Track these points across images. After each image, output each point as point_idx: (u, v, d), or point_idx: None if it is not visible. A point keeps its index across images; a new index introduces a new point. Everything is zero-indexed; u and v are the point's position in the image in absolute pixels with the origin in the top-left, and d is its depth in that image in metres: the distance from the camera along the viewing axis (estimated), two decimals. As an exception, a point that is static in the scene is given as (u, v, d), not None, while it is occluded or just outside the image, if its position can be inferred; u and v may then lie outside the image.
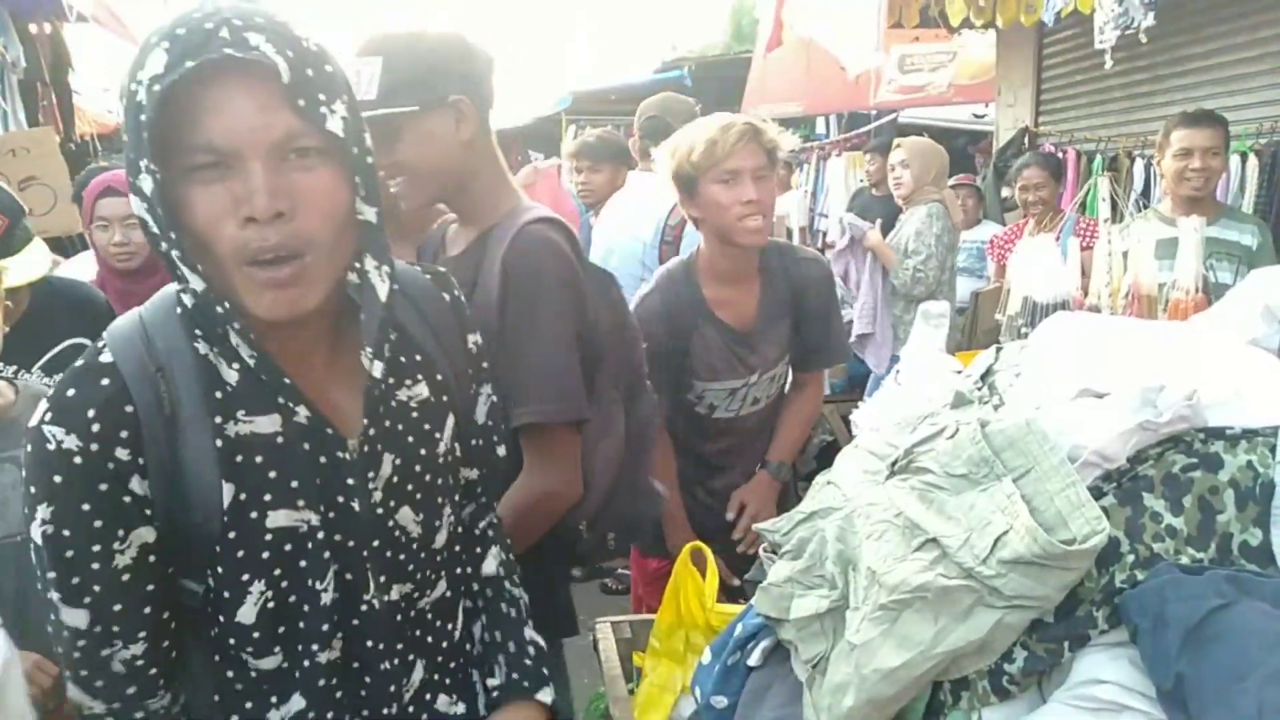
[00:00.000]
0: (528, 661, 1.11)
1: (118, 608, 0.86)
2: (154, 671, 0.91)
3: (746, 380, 2.09)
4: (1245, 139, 4.03)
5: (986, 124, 7.73)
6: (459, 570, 1.11)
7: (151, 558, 0.88)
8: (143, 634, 0.88)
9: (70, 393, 0.85)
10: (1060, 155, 5.19)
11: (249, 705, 0.95)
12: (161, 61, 0.78)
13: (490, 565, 1.15)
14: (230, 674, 0.94)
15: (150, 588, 0.88)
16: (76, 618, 0.85)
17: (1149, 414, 0.90)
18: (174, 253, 0.83)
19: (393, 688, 1.00)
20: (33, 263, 1.97)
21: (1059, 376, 1.03)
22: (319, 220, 0.84)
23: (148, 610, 0.88)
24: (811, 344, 2.14)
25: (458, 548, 1.10)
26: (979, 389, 1.11)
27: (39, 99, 5.24)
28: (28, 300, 2.03)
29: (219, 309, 0.84)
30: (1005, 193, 5.42)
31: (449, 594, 1.08)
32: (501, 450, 1.16)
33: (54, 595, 0.86)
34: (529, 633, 1.14)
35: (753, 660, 1.19)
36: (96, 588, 0.85)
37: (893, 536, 1.00)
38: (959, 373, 1.31)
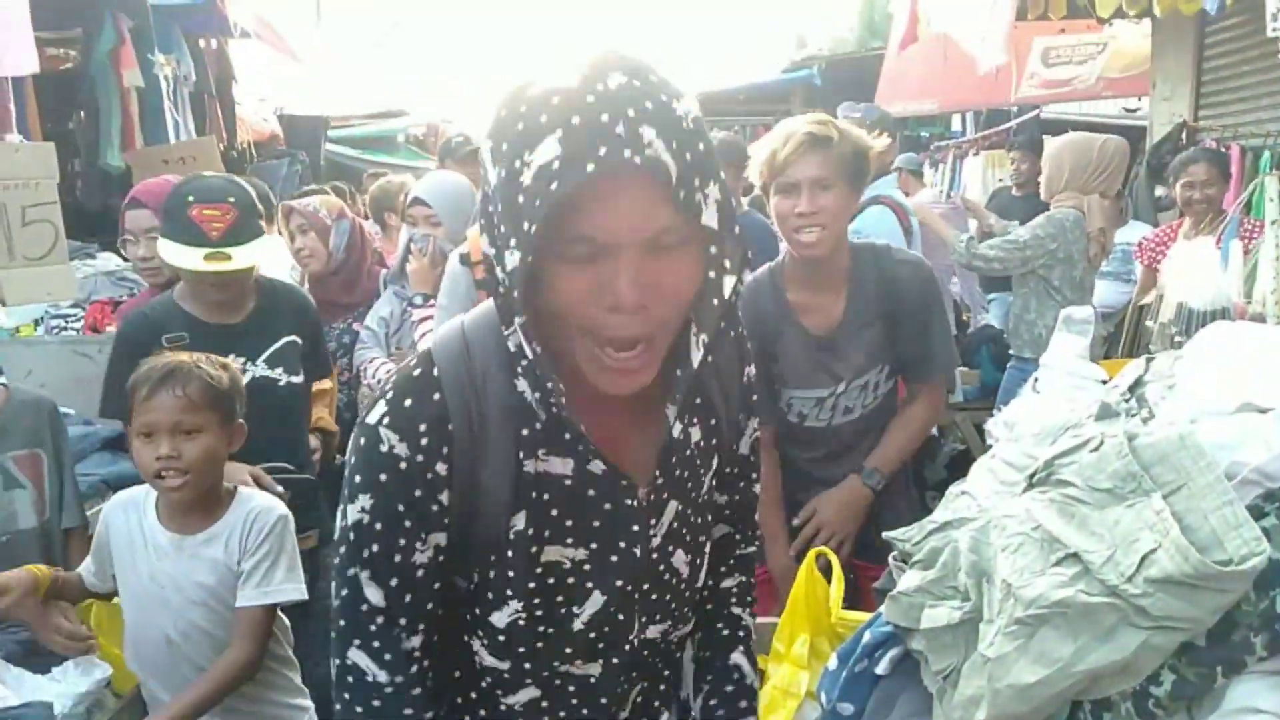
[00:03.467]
0: (729, 688, 1.13)
1: (408, 599, 0.93)
2: (427, 664, 0.97)
3: (833, 389, 2.03)
4: None
5: (1139, 119, 7.30)
6: (705, 603, 1.15)
7: (441, 558, 0.94)
8: (423, 626, 0.95)
9: (407, 403, 0.90)
10: (1224, 151, 4.86)
11: (483, 685, 1.01)
12: (554, 152, 0.75)
13: (728, 581, 1.16)
14: (471, 654, 1.00)
15: (436, 585, 0.95)
16: (376, 596, 0.92)
17: (1318, 431, 0.85)
18: (518, 318, 0.84)
19: (615, 708, 1.05)
20: (253, 253, 2.11)
21: (1217, 389, 0.98)
22: (674, 308, 0.84)
23: (430, 606, 0.95)
24: (911, 352, 2.05)
25: (708, 580, 1.13)
26: (1127, 400, 1.07)
27: (206, 110, 5.65)
28: (255, 297, 2.20)
29: (549, 384, 0.86)
30: (1159, 191, 5.10)
31: (691, 627, 1.13)
32: (757, 488, 1.16)
33: (357, 572, 0.92)
34: (738, 657, 1.15)
35: (880, 669, 1.18)
36: (395, 580, 0.92)
37: (1030, 550, 0.98)
38: (1104, 383, 1.26)
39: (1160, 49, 6.08)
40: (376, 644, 0.94)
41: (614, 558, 0.97)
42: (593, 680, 1.02)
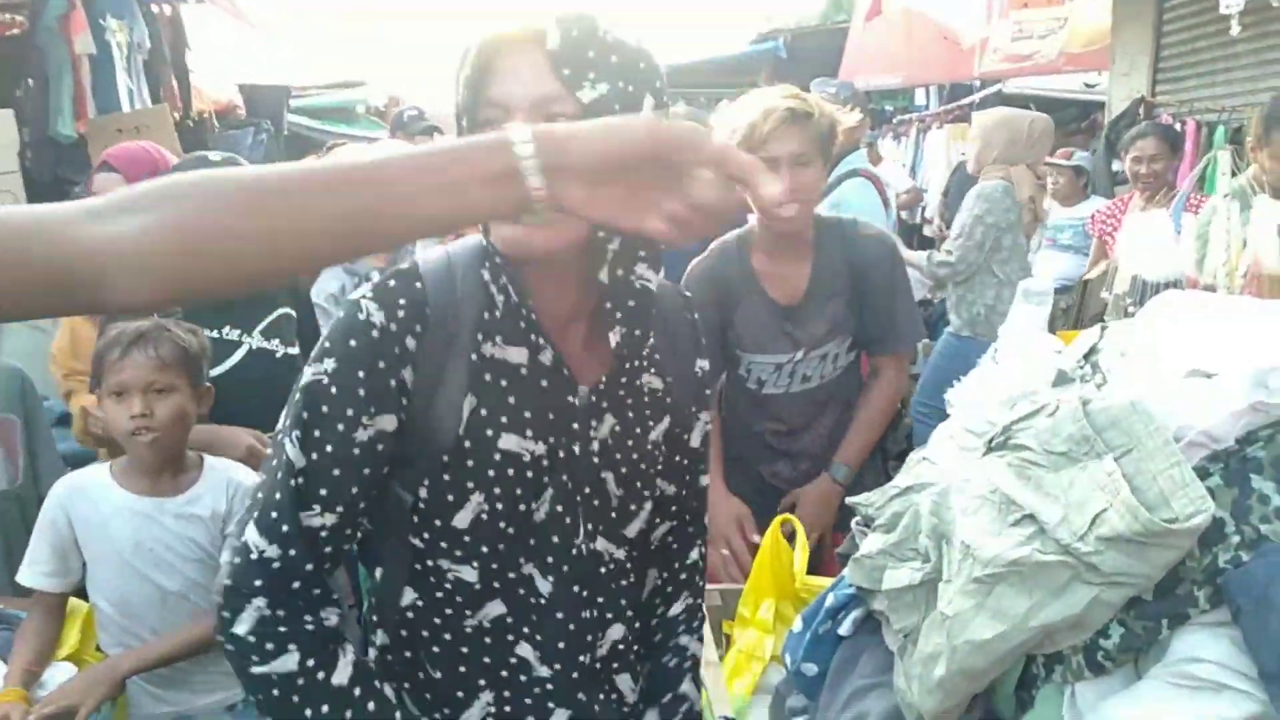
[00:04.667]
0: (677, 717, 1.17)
1: (336, 472, 0.93)
2: (329, 551, 0.97)
3: (792, 356, 2.06)
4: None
5: (1098, 94, 7.40)
6: (654, 580, 1.19)
7: (380, 446, 0.95)
8: (340, 509, 0.95)
9: (391, 283, 0.97)
10: (1179, 127, 4.94)
11: (448, 611, 1.03)
12: (480, 38, 0.92)
13: (677, 608, 1.21)
14: (432, 581, 1.02)
15: (366, 471, 0.95)
16: (297, 456, 0.93)
17: (1261, 395, 0.88)
18: None
19: (589, 637, 1.07)
20: None
21: (1167, 356, 1.01)
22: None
23: (354, 490, 0.95)
24: (876, 325, 2.09)
25: (652, 562, 1.18)
26: (1082, 368, 1.10)
27: (160, 79, 5.51)
28: None
29: (485, 243, 0.97)
30: (1116, 166, 5.19)
31: (642, 592, 1.17)
32: (705, 480, 1.20)
33: (293, 433, 0.93)
34: (686, 689, 1.19)
35: (844, 630, 1.21)
36: (328, 447, 0.93)
37: (988, 512, 1.01)
38: (1060, 352, 1.30)
39: (1119, 25, 6.16)
40: (274, 515, 0.93)
41: (560, 453, 1.01)
42: (545, 600, 1.04)
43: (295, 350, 2.22)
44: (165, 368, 1.70)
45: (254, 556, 0.93)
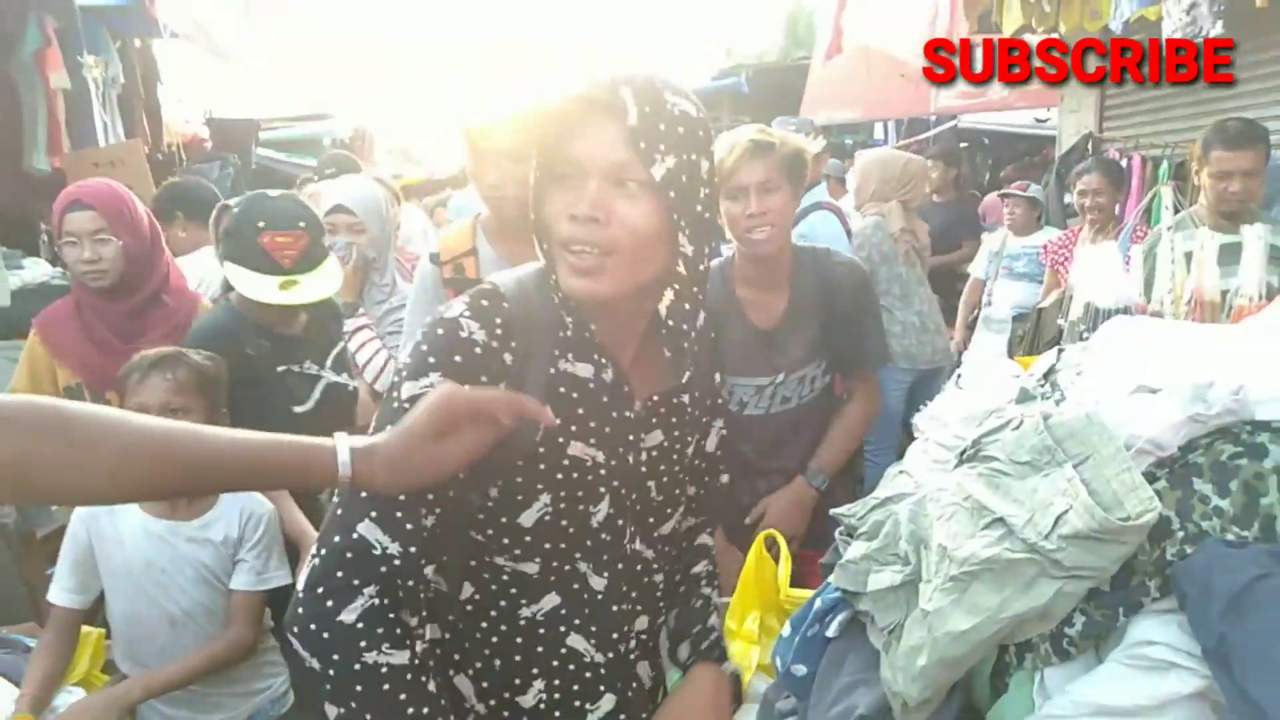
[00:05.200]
0: (709, 644, 1.31)
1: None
2: (429, 549, 1.04)
3: (773, 379, 2.17)
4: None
5: (1049, 129, 7.68)
6: (676, 573, 1.33)
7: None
8: (438, 510, 1.03)
9: (484, 303, 1.07)
10: (1125, 162, 5.18)
11: (502, 603, 1.12)
12: (560, 94, 1.03)
13: (698, 566, 1.36)
14: (487, 576, 1.11)
15: (461, 476, 1.03)
16: None
17: (1199, 408, 1.00)
18: (535, 230, 1.09)
19: (626, 628, 1.18)
20: (326, 279, 2.12)
21: (1117, 374, 1.13)
22: (627, 235, 1.03)
23: (450, 493, 1.04)
24: (846, 347, 2.21)
25: (679, 549, 1.31)
26: (1042, 386, 1.22)
27: (134, 112, 5.54)
28: (321, 305, 2.22)
29: (551, 278, 1.07)
30: (1068, 199, 5.41)
31: (666, 581, 1.28)
32: (725, 478, 1.34)
33: None
34: (714, 621, 1.33)
35: (831, 631, 1.30)
36: None
37: (962, 517, 1.11)
38: (1018, 375, 1.41)
39: (1068, 64, 6.43)
40: (399, 514, 0.99)
41: (614, 462, 1.11)
42: (600, 595, 1.14)
43: (356, 384, 2.30)
44: (182, 390, 1.80)
45: (376, 551, 0.98)
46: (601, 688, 1.15)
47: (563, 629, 1.13)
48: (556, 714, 1.15)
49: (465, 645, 1.14)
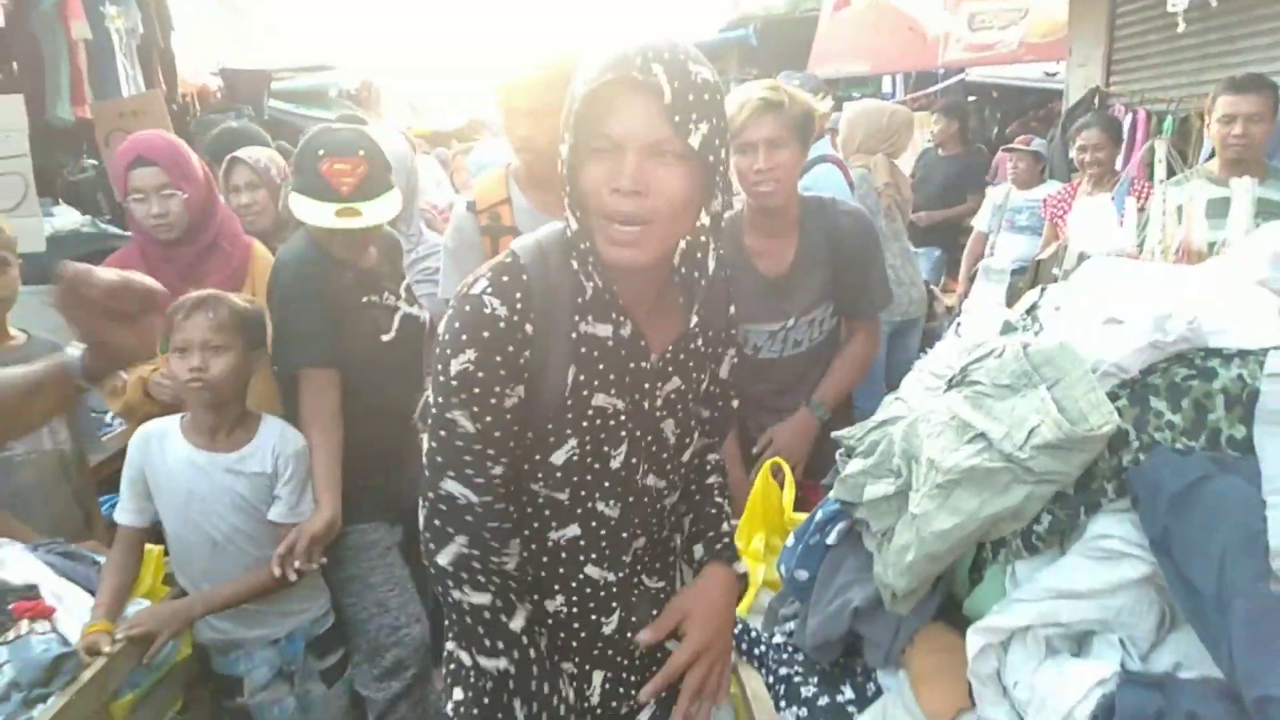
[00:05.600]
0: (721, 545, 1.42)
1: (497, 434, 1.17)
2: (512, 488, 1.21)
3: (784, 324, 2.30)
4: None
5: (1058, 83, 7.68)
6: (691, 485, 1.45)
7: (518, 406, 1.18)
8: (505, 458, 1.19)
9: (505, 279, 1.16)
10: (1132, 116, 5.23)
11: (535, 525, 1.27)
12: (595, 71, 1.08)
13: (711, 479, 1.48)
14: (524, 499, 1.26)
15: (515, 428, 1.18)
16: (468, 427, 1.16)
17: (1158, 336, 1.14)
18: (566, 199, 1.15)
19: (635, 548, 1.33)
20: (382, 209, 2.10)
21: (1090, 308, 1.26)
22: (666, 205, 1.11)
23: (511, 444, 1.19)
24: (851, 291, 2.33)
25: (692, 469, 1.43)
26: (1024, 320, 1.35)
27: (151, 62, 5.60)
28: (384, 239, 2.26)
29: (583, 245, 1.15)
30: (1072, 153, 5.48)
31: (679, 502, 1.41)
32: (735, 402, 1.45)
33: (456, 413, 1.15)
34: (726, 527, 1.44)
35: (831, 539, 1.46)
36: (489, 417, 1.16)
37: (949, 434, 1.25)
38: (1006, 316, 1.54)
39: (1075, 18, 6.44)
40: (470, 471, 1.17)
41: (633, 409, 1.24)
42: (613, 521, 1.28)
43: (425, 314, 2.33)
44: (222, 329, 1.93)
45: (461, 502, 1.17)
46: (614, 604, 1.31)
47: (581, 558, 1.28)
48: (575, 625, 1.31)
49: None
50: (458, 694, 1.24)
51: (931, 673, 1.22)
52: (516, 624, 1.21)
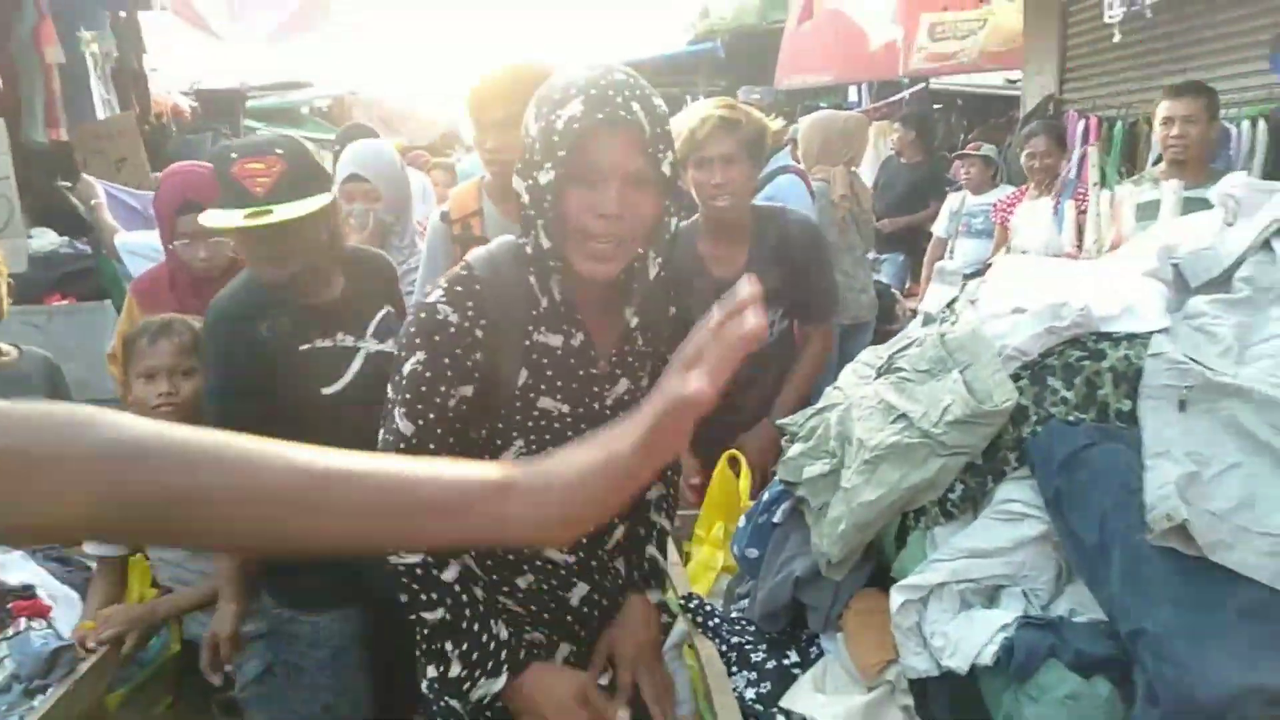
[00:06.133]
0: (639, 575, 1.51)
1: (439, 430, 1.28)
2: None
3: None
4: (1256, 105, 4.26)
5: (1018, 90, 7.91)
6: (631, 509, 1.52)
7: (464, 407, 1.29)
8: (436, 450, 1.29)
9: (458, 288, 1.28)
10: (1084, 122, 5.42)
11: None
12: (579, 109, 1.18)
13: (651, 493, 1.55)
14: None
15: (457, 425, 1.29)
16: (407, 427, 1.27)
17: (1053, 322, 1.28)
18: (539, 220, 1.24)
19: (604, 537, 1.44)
20: (301, 209, 1.78)
21: (1000, 299, 1.41)
22: (639, 226, 1.24)
23: (450, 440, 1.30)
24: (802, 295, 2.46)
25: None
26: (944, 312, 1.49)
27: (125, 84, 5.68)
28: (342, 269, 1.95)
29: (552, 263, 1.26)
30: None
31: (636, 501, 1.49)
32: None
33: (397, 410, 1.26)
34: (651, 550, 1.53)
35: (777, 518, 1.59)
36: (431, 415, 1.26)
37: (876, 416, 1.39)
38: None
39: (1030, 28, 6.65)
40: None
41: (581, 410, 1.35)
42: None
43: None
44: (185, 351, 1.99)
45: None
46: (574, 580, 1.43)
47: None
48: (544, 596, 1.43)
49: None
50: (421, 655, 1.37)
51: (862, 631, 1.35)
52: (449, 575, 1.31)
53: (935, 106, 9.94)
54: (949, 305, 1.52)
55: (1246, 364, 1.22)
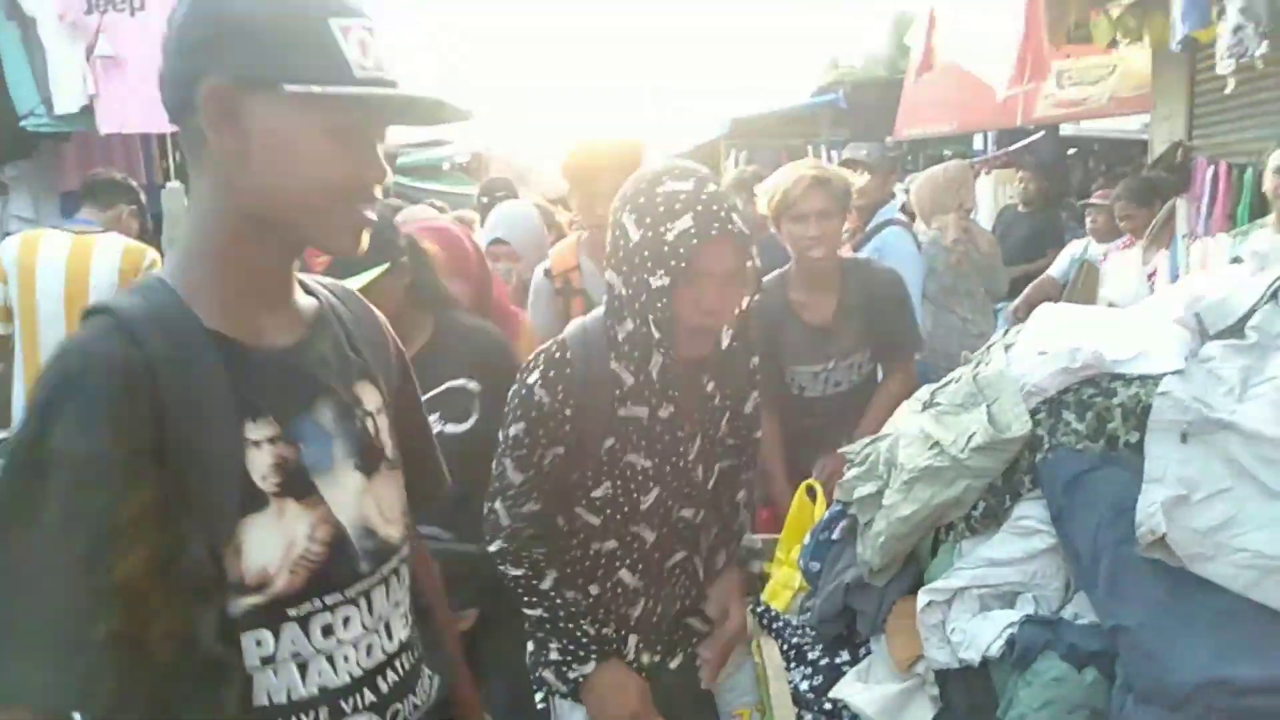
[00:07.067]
0: (740, 554, 1.83)
1: (534, 483, 1.59)
2: (544, 517, 1.62)
3: (826, 366, 2.66)
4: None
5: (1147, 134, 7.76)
6: (725, 508, 1.81)
7: (558, 460, 1.58)
8: (537, 496, 1.60)
9: (551, 373, 1.55)
10: (1214, 169, 5.32)
11: (582, 534, 1.67)
12: (690, 224, 1.42)
13: (739, 497, 1.84)
14: (573, 515, 1.66)
15: (549, 472, 1.59)
16: (517, 477, 1.58)
17: (1068, 363, 1.46)
18: (650, 316, 1.47)
19: (668, 561, 1.71)
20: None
21: (1030, 343, 1.59)
22: (733, 310, 1.53)
23: (547, 487, 1.60)
24: (885, 337, 2.69)
25: (722, 495, 1.79)
26: (983, 354, 1.68)
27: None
28: (428, 332, 1.94)
29: (661, 350, 1.52)
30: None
31: (710, 520, 1.77)
32: (759, 433, 1.81)
33: (507, 462, 1.56)
34: (745, 539, 1.85)
35: (835, 535, 1.79)
36: (531, 470, 1.58)
37: (916, 444, 1.59)
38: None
39: (1159, 71, 6.56)
40: (509, 503, 1.60)
41: (667, 467, 1.62)
42: (649, 543, 1.65)
43: (463, 428, 1.90)
44: None
45: (501, 521, 1.61)
46: (639, 598, 1.70)
47: (616, 564, 1.67)
48: (610, 608, 1.70)
49: (563, 558, 1.69)
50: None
51: (898, 630, 1.54)
52: (546, 584, 1.62)
53: (1070, 151, 9.80)
54: (988, 349, 1.71)
55: (1246, 402, 1.37)
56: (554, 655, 1.64)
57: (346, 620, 1.01)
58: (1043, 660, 1.27)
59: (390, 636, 1.08)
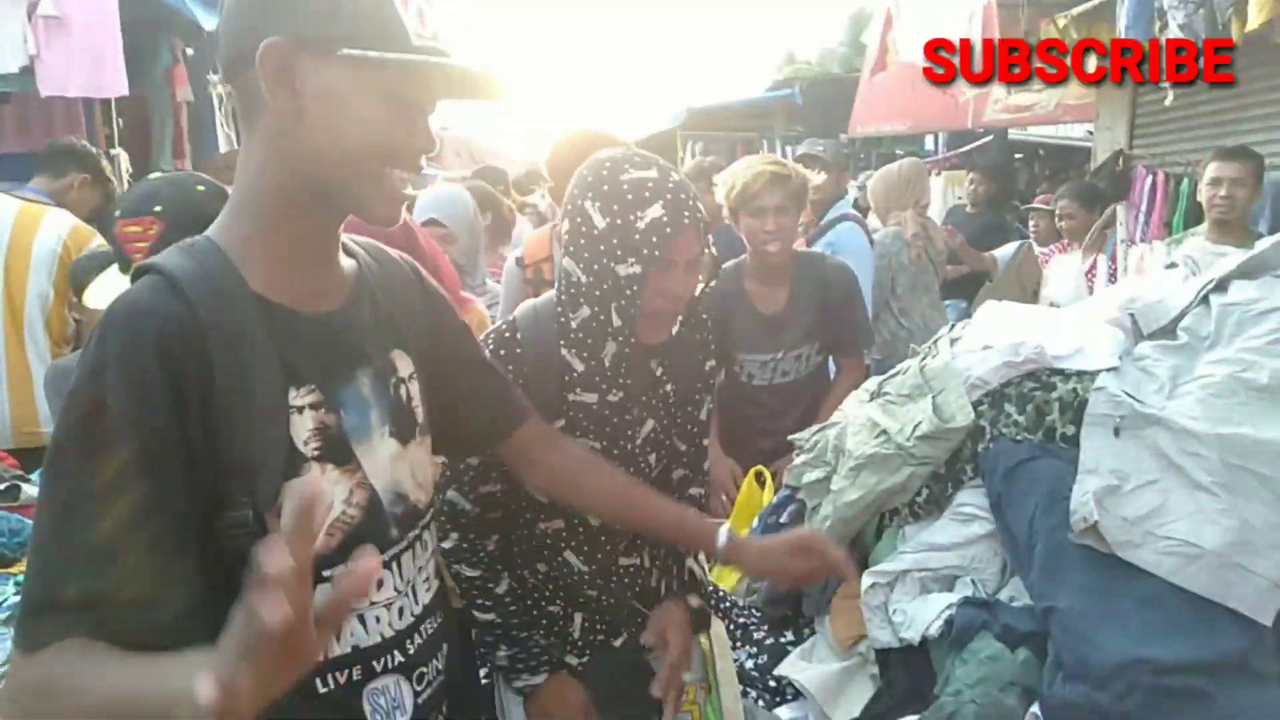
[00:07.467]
0: (680, 583, 1.72)
1: (491, 456, 1.48)
2: (502, 499, 1.58)
3: (774, 355, 2.71)
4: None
5: (1091, 141, 7.98)
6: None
7: None
8: (494, 480, 1.55)
9: (502, 352, 1.50)
10: (1152, 177, 5.52)
11: (528, 515, 1.62)
12: (660, 213, 1.38)
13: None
14: (520, 495, 1.61)
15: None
16: (473, 459, 1.52)
17: (1010, 357, 1.52)
18: (612, 304, 1.42)
19: (621, 556, 1.65)
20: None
21: (975, 337, 1.65)
22: (692, 295, 1.49)
23: (505, 467, 1.50)
24: (836, 332, 2.74)
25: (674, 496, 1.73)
26: (929, 347, 1.74)
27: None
28: None
29: (620, 338, 1.46)
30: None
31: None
32: (705, 441, 1.73)
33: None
34: (689, 564, 1.73)
35: (783, 519, 1.84)
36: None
37: (863, 432, 1.64)
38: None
39: (1104, 83, 6.77)
40: (466, 488, 1.55)
41: (615, 450, 1.60)
42: (595, 526, 1.65)
43: None
44: None
45: (459, 507, 1.55)
46: (585, 586, 1.64)
47: (561, 545, 1.62)
48: (559, 583, 1.66)
49: (510, 538, 1.66)
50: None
51: (841, 611, 1.59)
52: (501, 589, 1.59)
53: (1017, 156, 10.04)
54: (934, 342, 1.77)
55: (1175, 399, 1.44)
56: (502, 661, 1.63)
57: (380, 582, 1.03)
58: (979, 640, 1.32)
59: (417, 600, 1.10)
